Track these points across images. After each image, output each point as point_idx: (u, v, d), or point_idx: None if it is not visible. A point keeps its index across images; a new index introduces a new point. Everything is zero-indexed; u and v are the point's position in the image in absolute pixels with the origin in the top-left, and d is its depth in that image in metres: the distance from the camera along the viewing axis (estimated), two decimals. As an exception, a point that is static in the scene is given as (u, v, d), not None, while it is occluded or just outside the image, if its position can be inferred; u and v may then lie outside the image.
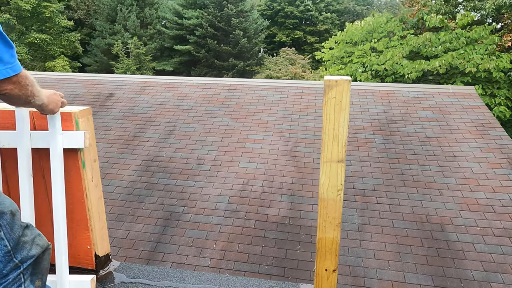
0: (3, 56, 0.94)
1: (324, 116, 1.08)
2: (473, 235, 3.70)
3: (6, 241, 1.02)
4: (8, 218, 1.04)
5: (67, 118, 1.27)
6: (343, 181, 1.09)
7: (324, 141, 1.10)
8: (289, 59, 24.20)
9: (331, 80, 1.02)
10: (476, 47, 7.69)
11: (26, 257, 1.07)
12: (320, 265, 1.22)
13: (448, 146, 4.92)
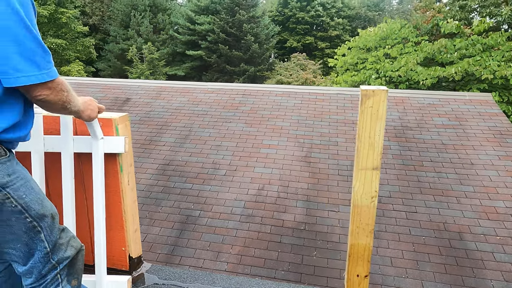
0: (39, 62, 0.97)
1: (360, 124, 1.11)
2: (493, 244, 3.65)
3: (46, 243, 1.08)
4: (49, 221, 1.09)
5: (107, 124, 1.32)
6: (378, 188, 1.11)
7: (359, 149, 1.12)
8: (300, 65, 24.24)
9: (368, 90, 1.05)
10: (492, 54, 7.60)
11: (62, 258, 1.12)
12: (352, 271, 1.24)
13: (465, 154, 4.87)
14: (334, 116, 5.76)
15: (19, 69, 0.93)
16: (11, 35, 0.91)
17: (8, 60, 0.91)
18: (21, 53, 0.93)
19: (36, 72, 0.95)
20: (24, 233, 1.04)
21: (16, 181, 1.03)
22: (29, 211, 1.04)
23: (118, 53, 24.25)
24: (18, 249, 1.05)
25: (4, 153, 1.02)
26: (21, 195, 1.03)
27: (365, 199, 1.15)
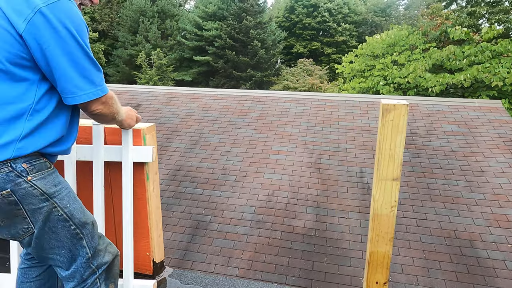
0: (94, 79, 1.06)
1: (380, 137, 1.15)
2: (504, 253, 3.64)
3: (88, 249, 1.15)
4: (90, 228, 1.17)
5: (136, 134, 1.38)
6: (397, 198, 1.15)
7: (380, 160, 1.16)
8: (307, 70, 24.31)
9: (390, 104, 1.10)
10: (502, 61, 7.60)
11: (101, 263, 1.19)
12: (371, 278, 1.27)
13: (475, 161, 4.87)
14: (343, 123, 5.80)
15: (80, 87, 1.03)
16: (71, 58, 1.00)
17: (70, 81, 1.01)
18: (81, 73, 1.03)
19: (93, 89, 1.06)
20: (68, 240, 1.11)
21: (61, 191, 1.10)
22: (73, 219, 1.12)
23: (127, 59, 24.56)
24: (62, 255, 1.12)
25: (49, 166, 1.10)
26: (66, 204, 1.10)
27: (385, 209, 1.19)
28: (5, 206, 1.00)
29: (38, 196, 1.04)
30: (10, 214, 1.02)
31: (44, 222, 1.06)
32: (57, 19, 0.98)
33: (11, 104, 0.98)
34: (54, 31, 0.97)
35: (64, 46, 0.99)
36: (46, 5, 0.97)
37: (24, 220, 1.04)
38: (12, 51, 0.97)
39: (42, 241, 1.09)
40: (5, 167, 0.99)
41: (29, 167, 1.03)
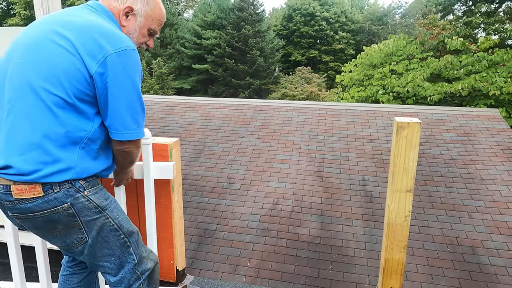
0: (140, 122, 1.21)
1: (395, 152, 1.24)
2: (506, 259, 3.72)
3: (134, 255, 1.26)
4: (136, 236, 1.28)
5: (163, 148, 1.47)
6: (411, 208, 1.24)
7: (394, 173, 1.25)
8: (305, 78, 24.52)
9: (404, 122, 1.19)
10: (498, 70, 7.76)
11: (145, 269, 1.29)
12: (386, 283, 1.35)
13: (474, 169, 4.97)
14: (345, 132, 5.90)
15: (127, 127, 1.16)
16: (127, 101, 1.15)
17: (121, 120, 1.15)
18: (131, 115, 1.17)
19: (136, 131, 1.19)
20: (118, 248, 1.22)
21: (111, 204, 1.23)
22: (122, 229, 1.23)
23: (126, 67, 24.67)
24: (112, 262, 1.23)
25: (99, 182, 1.24)
26: (115, 216, 1.22)
27: (399, 218, 1.27)
28: (64, 218, 1.12)
29: (93, 209, 1.16)
30: (67, 225, 1.13)
31: (98, 232, 1.18)
32: (122, 65, 1.12)
33: (72, 132, 1.11)
34: (119, 74, 1.11)
35: (124, 89, 1.13)
36: (115, 52, 1.10)
37: (79, 231, 1.15)
38: (80, 88, 1.10)
39: (95, 250, 1.19)
40: (66, 183, 1.11)
41: (85, 183, 1.16)
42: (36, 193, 1.06)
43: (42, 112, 1.06)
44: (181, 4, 36.09)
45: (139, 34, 1.29)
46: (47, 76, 1.07)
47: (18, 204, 1.07)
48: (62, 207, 1.09)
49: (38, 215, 1.08)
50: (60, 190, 1.09)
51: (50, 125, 1.07)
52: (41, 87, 1.07)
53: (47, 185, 1.07)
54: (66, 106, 1.09)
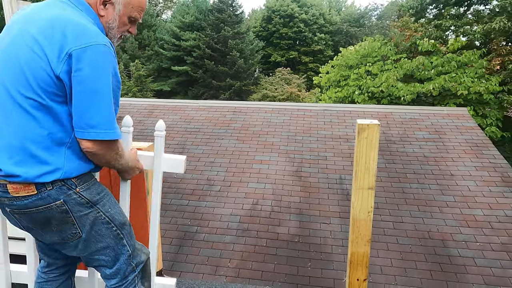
0: (108, 121, 1.15)
1: (357, 152, 1.33)
2: (473, 250, 3.92)
3: (128, 247, 1.30)
4: (128, 228, 1.32)
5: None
6: (373, 204, 1.33)
7: (357, 172, 1.34)
8: (285, 79, 24.75)
9: (364, 124, 1.28)
10: (466, 71, 8.13)
11: (139, 262, 1.33)
12: (353, 275, 1.43)
13: (445, 165, 5.20)
14: (322, 132, 6.04)
15: (91, 125, 1.12)
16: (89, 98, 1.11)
17: (82, 116, 1.12)
18: (99, 113, 1.13)
19: (104, 130, 1.14)
20: (112, 240, 1.25)
21: (103, 198, 1.25)
22: (114, 221, 1.26)
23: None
24: (107, 254, 1.26)
25: (92, 176, 1.25)
26: (107, 209, 1.25)
27: (363, 214, 1.36)
28: (58, 214, 1.16)
29: (84, 204, 1.19)
30: (61, 221, 1.17)
31: (91, 226, 1.21)
32: (89, 61, 1.08)
33: (54, 133, 1.11)
34: (83, 71, 1.08)
35: (89, 85, 1.09)
36: (80, 48, 1.07)
37: (73, 226, 1.19)
38: (49, 89, 1.09)
39: (89, 244, 1.22)
40: (58, 182, 1.14)
41: (77, 181, 1.18)
42: (30, 191, 1.11)
43: (21, 115, 1.08)
44: (159, 5, 35.72)
45: (119, 23, 1.26)
46: (19, 79, 1.08)
47: (15, 201, 1.12)
48: (55, 204, 1.13)
49: (33, 211, 1.13)
50: (53, 188, 1.12)
51: (31, 128, 1.09)
52: (16, 90, 1.08)
53: (40, 184, 1.11)
54: (42, 108, 1.09)
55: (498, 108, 8.17)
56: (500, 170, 5.02)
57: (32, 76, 1.07)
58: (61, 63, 1.07)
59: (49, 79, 1.08)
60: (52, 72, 1.08)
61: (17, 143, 1.09)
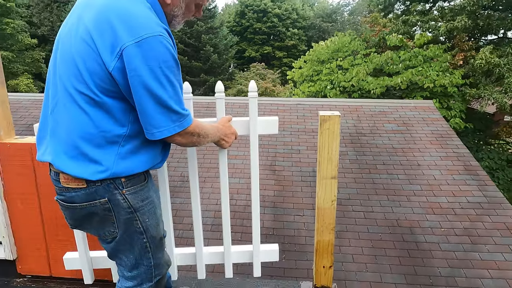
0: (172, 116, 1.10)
1: (319, 143, 1.36)
2: (438, 236, 4.13)
3: (152, 259, 1.27)
4: (157, 242, 1.28)
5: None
6: (336, 193, 1.37)
7: (320, 162, 1.37)
8: (259, 74, 24.80)
9: (326, 116, 1.31)
10: (432, 65, 8.46)
11: (158, 274, 1.31)
12: (319, 263, 1.48)
13: (412, 156, 5.41)
14: (295, 126, 6.11)
15: (155, 125, 1.08)
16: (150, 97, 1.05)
17: (146, 118, 1.07)
18: (158, 112, 1.07)
19: (169, 126, 1.09)
20: (138, 250, 1.23)
21: (145, 207, 1.20)
22: (147, 233, 1.22)
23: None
24: (129, 259, 1.24)
25: (144, 179, 1.19)
26: (145, 219, 1.20)
27: (327, 203, 1.40)
28: (101, 211, 1.15)
29: (126, 208, 1.16)
30: (103, 218, 1.16)
31: (125, 230, 1.19)
32: (143, 57, 1.01)
33: (107, 131, 1.08)
34: (139, 69, 1.01)
35: (147, 85, 1.02)
36: (134, 43, 1.00)
37: (112, 225, 1.17)
38: (103, 85, 1.04)
39: (119, 244, 1.22)
40: (107, 179, 1.11)
41: (125, 181, 1.14)
42: (80, 184, 1.11)
43: (74, 111, 1.06)
44: None
45: (185, 10, 1.20)
46: (73, 73, 1.05)
47: (64, 192, 1.14)
48: (99, 201, 1.12)
49: (77, 206, 1.14)
50: (101, 185, 1.11)
51: (83, 126, 1.06)
52: (71, 84, 1.06)
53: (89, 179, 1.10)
54: (95, 104, 1.06)
55: (462, 101, 8.57)
56: (463, 159, 5.29)
57: (86, 70, 1.04)
58: (114, 60, 1.02)
59: (102, 73, 1.03)
60: (105, 66, 1.03)
61: (70, 139, 1.08)
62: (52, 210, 1.61)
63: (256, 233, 1.62)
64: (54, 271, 1.69)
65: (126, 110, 1.09)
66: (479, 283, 3.56)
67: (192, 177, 1.55)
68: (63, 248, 1.63)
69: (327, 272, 1.50)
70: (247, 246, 1.68)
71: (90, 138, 1.07)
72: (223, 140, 1.37)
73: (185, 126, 1.12)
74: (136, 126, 1.11)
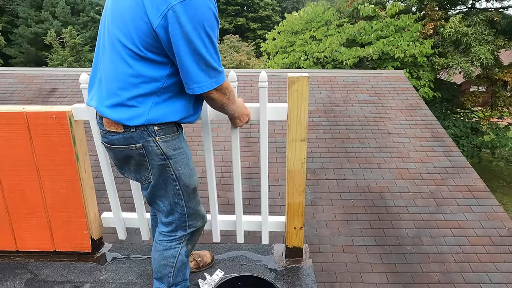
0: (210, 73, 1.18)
1: (288, 106, 1.35)
2: (406, 200, 4.33)
3: (185, 208, 1.37)
4: (190, 191, 1.37)
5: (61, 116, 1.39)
6: (306, 155, 1.38)
7: (290, 125, 1.37)
8: (234, 47, 24.25)
9: (294, 77, 1.29)
10: (403, 35, 8.56)
11: (192, 225, 1.41)
12: (290, 224, 1.51)
13: (383, 125, 5.55)
14: (270, 97, 6.06)
15: (195, 80, 1.16)
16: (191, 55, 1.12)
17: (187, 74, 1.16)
18: (198, 68, 1.15)
19: (206, 82, 1.17)
20: (171, 196, 1.33)
21: (178, 156, 1.30)
22: (180, 181, 1.32)
23: (31, 38, 21.79)
24: (165, 205, 1.35)
25: (175, 130, 1.29)
26: (177, 168, 1.30)
27: (296, 165, 1.41)
28: (137, 156, 1.26)
29: (159, 155, 1.25)
30: (138, 163, 1.27)
31: (159, 176, 1.29)
32: (188, 16, 1.08)
33: (147, 82, 1.17)
34: (183, 27, 1.08)
35: (189, 42, 1.09)
36: (180, 2, 1.07)
37: (147, 171, 1.28)
38: (148, 41, 1.12)
39: (155, 189, 1.32)
40: (142, 126, 1.21)
41: (158, 130, 1.23)
42: (118, 128, 1.22)
43: (120, 64, 1.15)
44: (92, -34, 32.35)
45: None
46: (121, 29, 1.14)
47: (107, 135, 1.26)
48: (135, 146, 1.23)
49: (116, 148, 1.26)
50: (136, 131, 1.21)
51: (126, 77, 1.16)
52: (117, 39, 1.15)
53: (126, 125, 1.20)
54: (139, 58, 1.14)
55: (431, 70, 8.79)
56: (431, 127, 5.49)
57: (133, 27, 1.11)
58: (159, 17, 1.08)
59: (148, 30, 1.10)
60: (150, 24, 1.10)
61: (112, 87, 1.19)
62: (13, 184, 1.54)
63: (264, 205, 1.73)
64: (20, 245, 1.63)
65: (166, 65, 1.18)
66: (442, 241, 3.80)
67: (207, 152, 1.69)
68: (28, 222, 1.58)
69: (298, 233, 1.54)
70: (255, 216, 1.84)
71: (130, 88, 1.17)
72: (238, 119, 1.49)
73: (221, 82, 1.21)
74: (172, 80, 1.20)
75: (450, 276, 3.46)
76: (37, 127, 1.44)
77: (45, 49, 20.93)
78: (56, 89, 6.19)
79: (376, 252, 3.71)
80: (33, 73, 6.66)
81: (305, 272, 1.64)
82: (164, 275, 1.39)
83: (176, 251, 1.38)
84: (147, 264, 1.79)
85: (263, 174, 1.65)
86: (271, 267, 1.71)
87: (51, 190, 1.51)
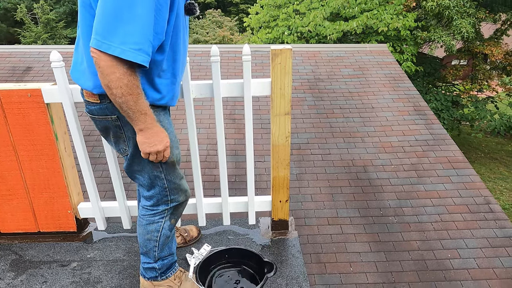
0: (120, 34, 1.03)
1: (272, 79, 1.33)
2: (389, 172, 4.44)
3: (165, 181, 1.34)
4: (170, 165, 1.33)
5: (36, 94, 1.33)
6: (290, 129, 1.38)
7: (273, 99, 1.36)
8: (216, 22, 23.64)
9: (277, 50, 1.27)
10: (387, 8, 8.49)
11: (174, 199, 1.40)
12: (276, 198, 1.53)
13: (367, 99, 5.60)
14: (254, 73, 6.01)
15: (97, 31, 1.01)
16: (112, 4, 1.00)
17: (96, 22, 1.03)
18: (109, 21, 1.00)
19: (105, 40, 0.99)
20: (150, 169, 1.30)
21: None
22: None
23: (0, 14, 20.65)
24: (144, 178, 1.33)
25: (156, 108, 1.25)
26: None
27: (281, 139, 1.41)
28: (113, 127, 1.25)
29: None
30: (115, 135, 1.27)
31: (135, 148, 1.25)
32: None
33: None
34: None
35: None
36: None
37: (123, 143, 1.27)
38: None
39: (132, 162, 1.31)
40: None
41: None
42: (95, 99, 1.20)
43: (88, 27, 1.12)
44: None
45: None
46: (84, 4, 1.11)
47: (87, 105, 1.26)
48: (111, 117, 1.22)
49: (96, 118, 1.26)
50: (110, 102, 1.18)
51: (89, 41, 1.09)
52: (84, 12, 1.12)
53: (102, 95, 1.18)
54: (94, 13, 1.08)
55: (413, 44, 8.82)
56: (413, 101, 5.57)
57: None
58: None
59: None
60: None
61: (83, 58, 1.18)
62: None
63: (250, 186, 1.72)
64: (2, 227, 1.61)
65: None
66: (423, 211, 3.94)
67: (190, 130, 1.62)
68: (9, 203, 1.55)
69: (284, 206, 1.56)
70: (242, 198, 1.82)
71: None
72: (145, 143, 1.19)
73: (126, 55, 1.00)
74: None
75: (429, 243, 3.62)
76: (11, 106, 1.39)
77: (17, 25, 19.89)
78: (31, 68, 5.94)
79: (359, 223, 3.84)
80: (5, 51, 6.35)
81: (290, 243, 1.68)
82: (149, 249, 1.39)
83: (159, 225, 1.37)
84: (134, 241, 1.80)
85: (249, 154, 1.64)
86: (258, 240, 1.74)
87: (31, 170, 1.48)
